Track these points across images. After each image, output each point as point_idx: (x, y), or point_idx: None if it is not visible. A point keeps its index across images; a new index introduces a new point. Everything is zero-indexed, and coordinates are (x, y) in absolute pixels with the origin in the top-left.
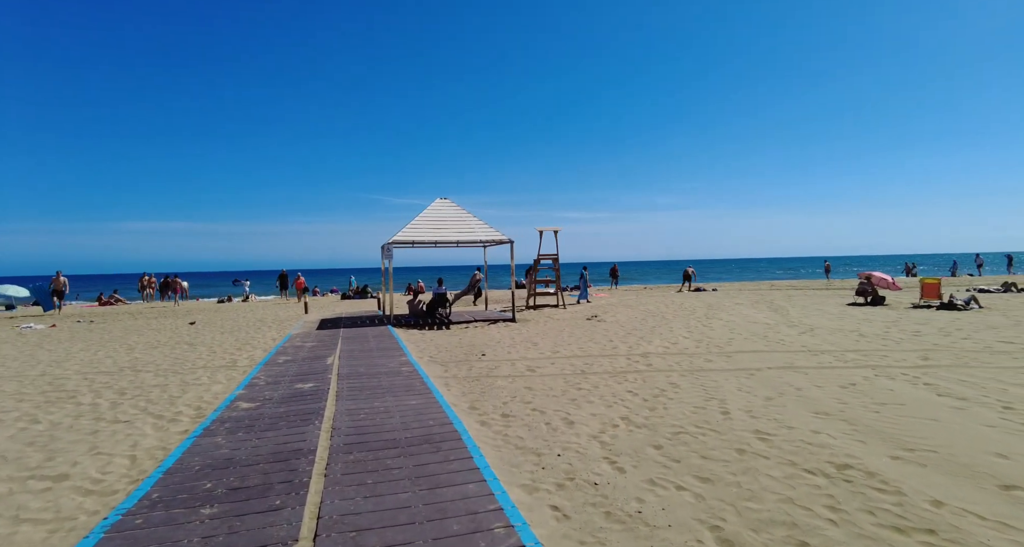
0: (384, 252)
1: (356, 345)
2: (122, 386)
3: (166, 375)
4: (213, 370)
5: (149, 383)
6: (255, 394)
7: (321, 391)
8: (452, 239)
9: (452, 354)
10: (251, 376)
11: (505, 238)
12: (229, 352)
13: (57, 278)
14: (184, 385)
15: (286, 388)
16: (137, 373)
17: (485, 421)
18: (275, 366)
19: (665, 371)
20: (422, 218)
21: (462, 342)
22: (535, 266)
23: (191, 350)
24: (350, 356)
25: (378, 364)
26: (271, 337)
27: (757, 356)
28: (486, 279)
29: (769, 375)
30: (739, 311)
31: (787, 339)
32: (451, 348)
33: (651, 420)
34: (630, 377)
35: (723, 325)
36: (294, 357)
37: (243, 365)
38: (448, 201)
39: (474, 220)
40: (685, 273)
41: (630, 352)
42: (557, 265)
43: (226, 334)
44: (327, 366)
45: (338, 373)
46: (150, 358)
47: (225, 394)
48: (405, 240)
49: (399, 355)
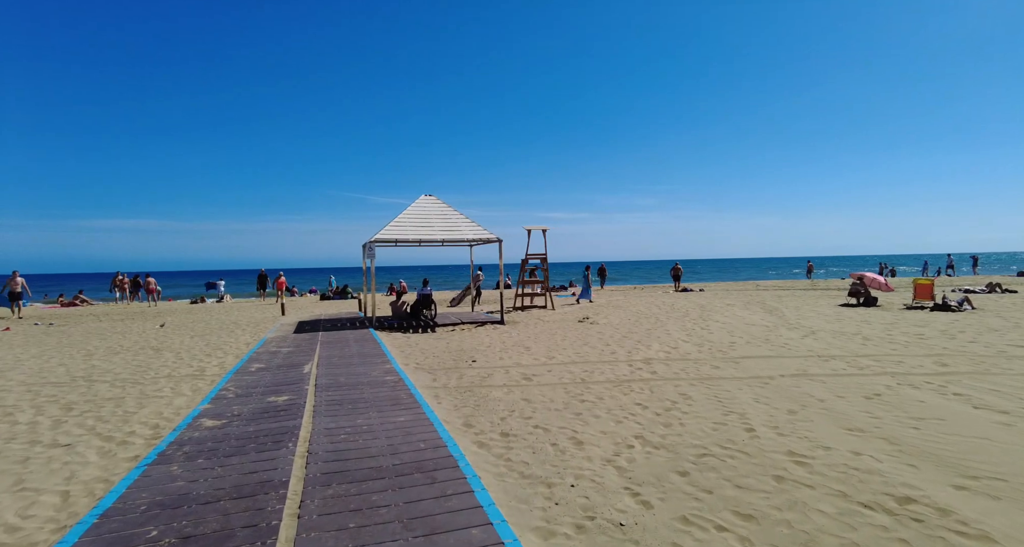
0: (366, 251)
1: (336, 350)
2: (71, 400)
3: (124, 386)
4: (178, 380)
5: (103, 396)
6: (222, 409)
7: (296, 405)
8: (438, 238)
9: (440, 360)
10: (219, 387)
11: (494, 237)
12: (198, 358)
13: (13, 279)
14: (143, 398)
15: (257, 402)
16: (91, 384)
17: (483, 442)
18: (247, 375)
19: (672, 379)
20: (406, 215)
21: (450, 347)
22: (523, 266)
23: (156, 356)
24: (329, 363)
25: (360, 372)
26: (244, 341)
27: (765, 362)
28: (471, 277)
29: (784, 384)
30: (733, 312)
31: (791, 343)
32: (438, 353)
33: (668, 439)
34: (635, 386)
35: (721, 327)
36: (268, 364)
37: (212, 374)
38: (433, 198)
39: (461, 218)
40: (675, 272)
41: (630, 357)
42: (546, 265)
43: (196, 338)
44: (304, 375)
45: (316, 384)
46: (109, 366)
47: (188, 409)
48: (388, 238)
49: (383, 362)
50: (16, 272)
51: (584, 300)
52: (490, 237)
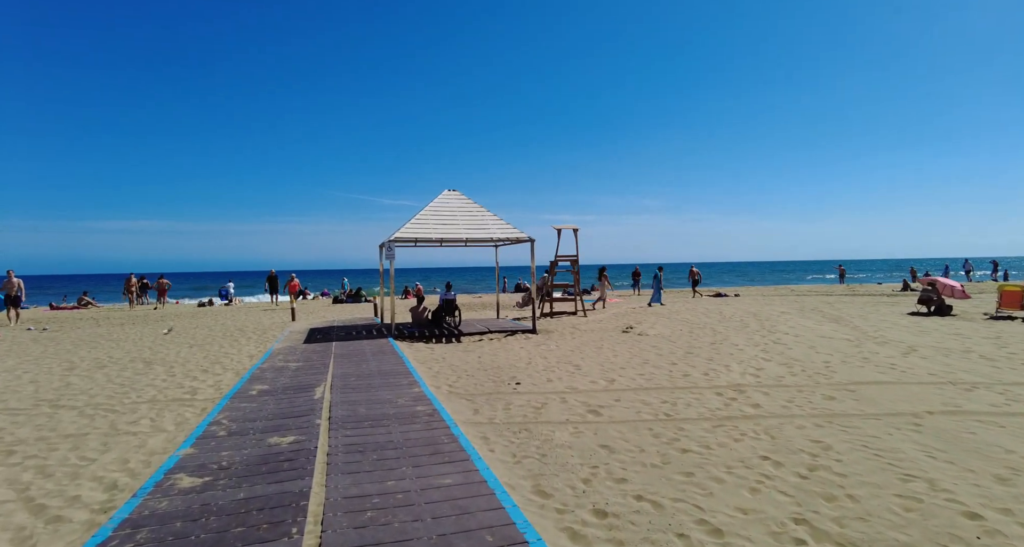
0: (384, 251)
1: (352, 366)
2: (19, 437)
3: (95, 415)
4: (162, 406)
5: (63, 431)
6: (207, 456)
7: (304, 452)
8: (462, 236)
9: (476, 381)
10: (210, 418)
11: (524, 236)
12: (192, 375)
13: (9, 280)
14: (111, 435)
15: (255, 443)
16: (56, 411)
17: (575, 530)
18: (246, 401)
19: (785, 416)
20: (428, 212)
21: (482, 362)
22: (552, 268)
23: (145, 371)
24: (345, 384)
25: (384, 399)
26: (248, 353)
27: (889, 391)
28: (498, 282)
29: (944, 426)
30: (795, 322)
31: (897, 363)
32: (471, 371)
33: (850, 528)
34: (743, 427)
35: (795, 341)
36: (272, 386)
37: (204, 398)
38: (457, 193)
39: (488, 215)
40: (692, 276)
41: (712, 383)
42: (576, 267)
43: (195, 348)
44: (315, 402)
45: (330, 416)
46: (86, 385)
47: (165, 454)
48: (408, 237)
49: (409, 384)
50: (11, 272)
51: (655, 303)
52: (520, 236)
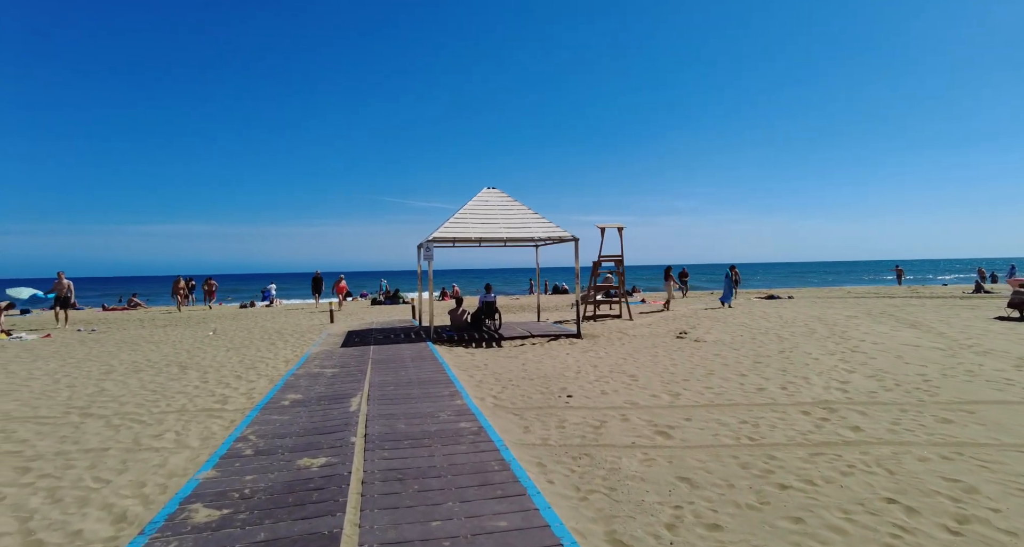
0: (423, 252)
1: (390, 374)
2: (40, 451)
3: (120, 426)
4: (190, 418)
5: (86, 444)
6: (229, 481)
7: (337, 479)
8: (502, 236)
9: (523, 393)
10: (237, 432)
11: (568, 235)
12: (225, 381)
13: (59, 281)
14: (133, 451)
15: (282, 466)
16: (84, 420)
17: None
18: (276, 413)
19: (896, 444)
20: (467, 211)
21: (527, 370)
22: (595, 269)
23: (179, 376)
24: (383, 395)
25: (425, 413)
26: (284, 358)
27: (1015, 412)
28: (537, 283)
29: None
30: (867, 328)
31: (1015, 377)
32: (516, 380)
33: None
34: (847, 456)
35: (876, 349)
36: (306, 395)
37: (234, 407)
38: (497, 191)
39: (529, 213)
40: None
41: (794, 398)
42: (621, 267)
43: (231, 351)
44: (350, 416)
45: (366, 434)
46: (119, 391)
47: (184, 476)
48: (446, 237)
49: (450, 395)
50: (61, 273)
51: (727, 303)
52: (564, 236)
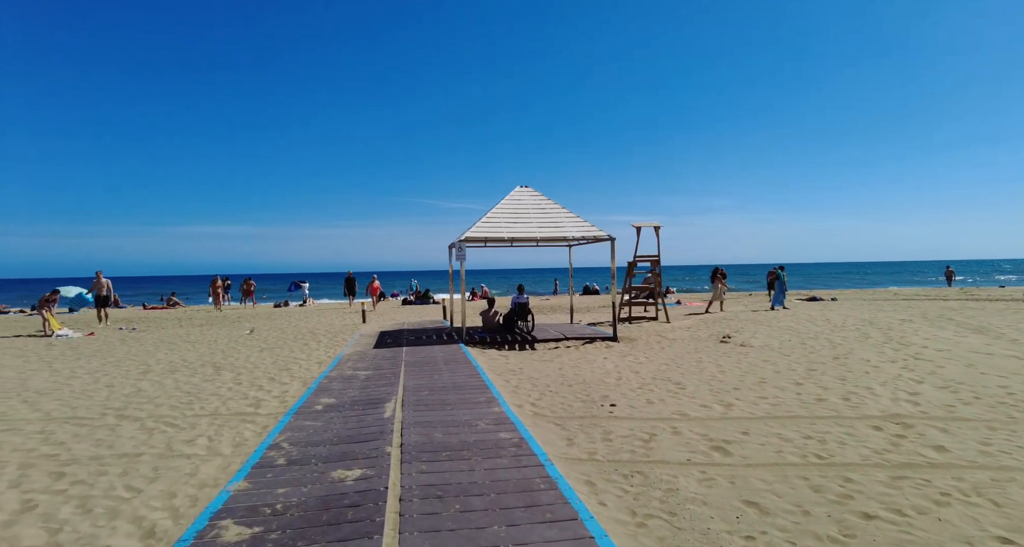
0: (454, 252)
1: (425, 378)
2: (75, 455)
3: (154, 429)
4: (223, 421)
5: (119, 447)
6: (260, 494)
7: (372, 496)
8: (535, 235)
9: (562, 399)
10: (270, 439)
11: (604, 234)
12: (259, 383)
13: (98, 280)
14: (165, 457)
15: (315, 479)
16: (120, 422)
17: None
18: (310, 418)
19: (993, 468)
20: (499, 210)
21: (564, 375)
22: (631, 270)
23: (213, 377)
24: (418, 400)
25: (461, 421)
26: (317, 359)
27: None
28: (571, 284)
29: None
30: (927, 332)
31: None
32: (554, 386)
33: None
34: (937, 481)
35: (942, 357)
36: (339, 399)
37: (267, 412)
38: (530, 189)
39: (563, 212)
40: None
41: (860, 411)
42: (658, 268)
43: (265, 352)
44: (384, 422)
45: (402, 443)
46: (155, 391)
47: (215, 487)
48: (478, 237)
49: (487, 401)
50: (100, 272)
51: (778, 307)
52: (599, 235)
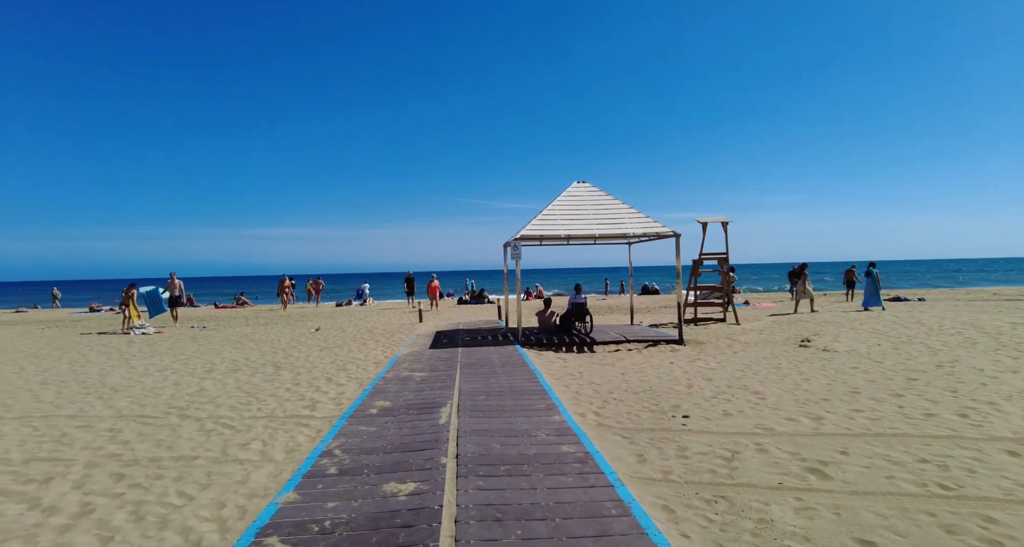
0: (510, 250)
1: (480, 381)
2: (137, 454)
3: (212, 431)
4: (278, 424)
5: (178, 449)
6: (309, 508)
7: (426, 515)
8: (592, 233)
9: (628, 408)
10: (322, 446)
11: (668, 231)
12: (316, 383)
13: (172, 281)
14: (219, 461)
15: (367, 492)
16: (181, 422)
17: None
18: (364, 423)
19: None
20: (556, 206)
21: (628, 380)
22: (696, 268)
23: (273, 377)
24: (474, 406)
25: (520, 430)
26: (375, 359)
27: None
28: (631, 283)
29: None
30: None
31: None
32: (619, 393)
33: None
34: None
35: None
36: (394, 403)
37: (323, 415)
38: (588, 185)
39: (623, 208)
40: (849, 276)
41: (983, 429)
42: (726, 266)
43: (324, 351)
44: (440, 429)
45: (458, 454)
46: (217, 390)
47: (265, 497)
48: (534, 235)
49: (546, 408)
50: (173, 274)
51: (873, 307)
52: (663, 231)
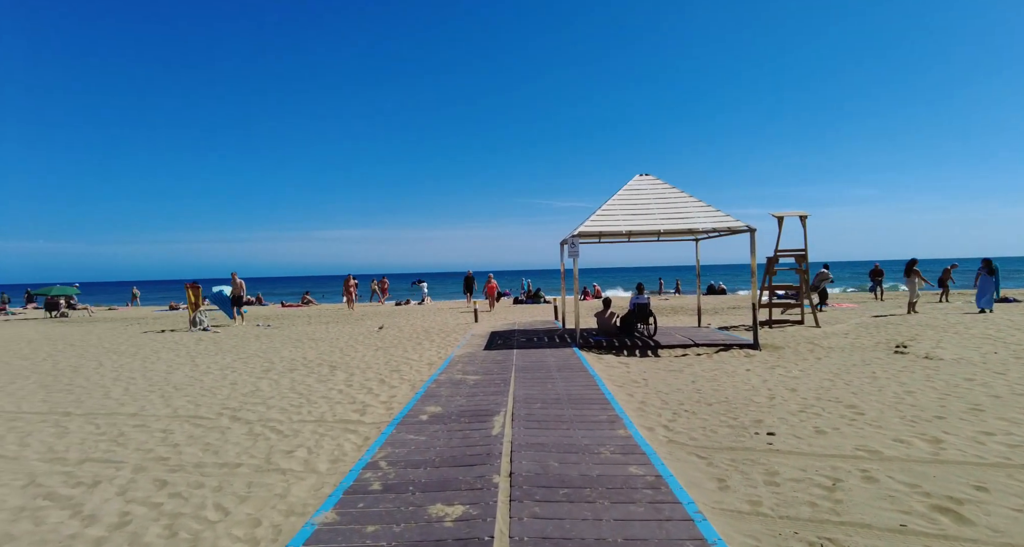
0: (567, 248)
1: (536, 386)
2: (184, 459)
3: (259, 436)
4: (326, 429)
5: (223, 454)
6: (347, 533)
7: (474, 544)
8: (656, 228)
9: (701, 422)
10: (368, 456)
11: (741, 225)
12: (368, 386)
13: (233, 280)
14: (261, 471)
15: (410, 514)
16: (231, 425)
17: None
18: (413, 432)
19: None
20: (616, 201)
21: (699, 389)
22: (771, 266)
23: (327, 377)
24: (529, 415)
25: (580, 445)
26: (428, 360)
27: None
28: (698, 281)
29: None
30: None
31: None
32: (690, 404)
33: None
34: None
35: None
36: (446, 409)
37: (372, 420)
38: (651, 178)
39: (691, 201)
40: (945, 276)
41: None
42: (805, 263)
43: (380, 351)
44: (492, 442)
45: (512, 472)
46: (271, 391)
47: (302, 515)
48: (592, 231)
49: (609, 420)
50: (235, 274)
51: (986, 309)
52: (735, 226)
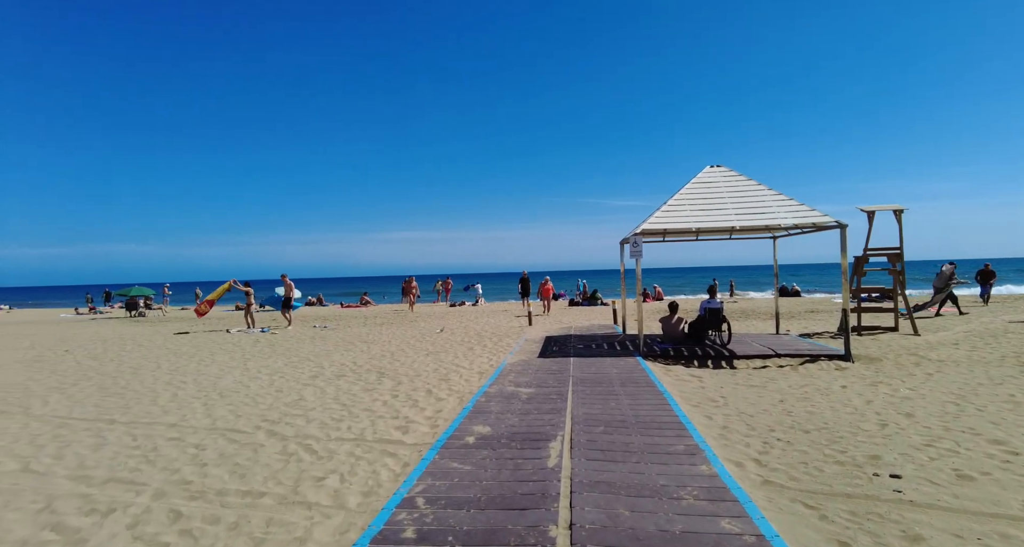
0: (629, 247)
1: (598, 403)
2: (209, 482)
3: (291, 456)
4: (365, 450)
5: (249, 480)
6: None
7: None
8: (730, 224)
9: (802, 456)
10: (405, 490)
11: (830, 221)
12: (414, 397)
13: (285, 282)
14: (285, 504)
15: None
16: (267, 440)
17: None
18: (458, 458)
19: None
20: (684, 195)
21: (790, 410)
22: (860, 265)
23: (374, 386)
24: (591, 443)
25: (656, 486)
26: (479, 368)
27: None
28: (776, 282)
29: None
30: None
31: None
32: (782, 430)
33: None
34: None
35: None
36: (495, 429)
37: (414, 440)
38: (723, 169)
39: (769, 194)
40: None
41: None
42: (899, 263)
43: (430, 356)
44: (547, 475)
45: (572, 523)
46: (314, 401)
47: None
48: (656, 229)
49: (687, 450)
50: (285, 276)
51: None
52: (822, 221)
